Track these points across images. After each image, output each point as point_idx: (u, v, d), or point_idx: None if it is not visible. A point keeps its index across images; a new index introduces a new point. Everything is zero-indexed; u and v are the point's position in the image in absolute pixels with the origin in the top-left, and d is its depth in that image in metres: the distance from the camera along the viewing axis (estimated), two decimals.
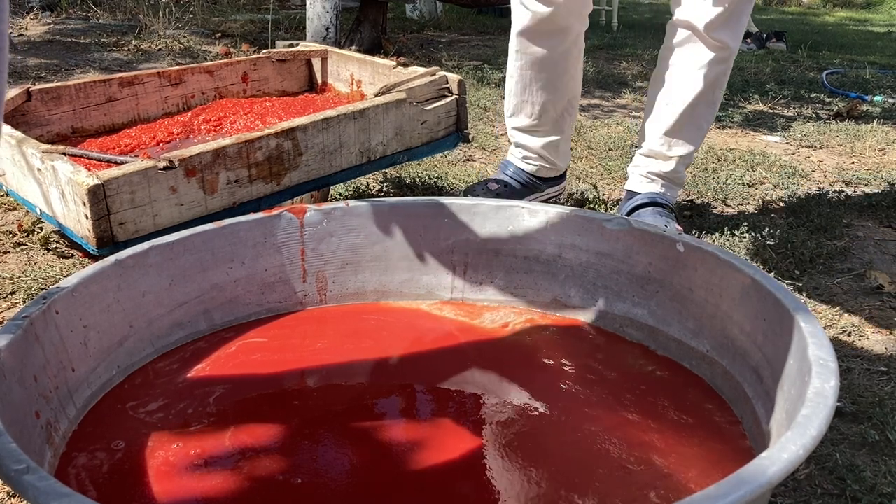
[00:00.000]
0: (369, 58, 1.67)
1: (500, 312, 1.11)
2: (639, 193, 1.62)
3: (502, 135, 2.52)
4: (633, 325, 1.04)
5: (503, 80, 3.34)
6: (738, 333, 0.90)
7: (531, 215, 1.10)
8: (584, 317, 1.08)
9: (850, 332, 1.32)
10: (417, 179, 1.98)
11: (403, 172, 2.01)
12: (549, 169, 1.74)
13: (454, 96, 1.48)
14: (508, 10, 6.09)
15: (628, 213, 1.58)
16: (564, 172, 1.80)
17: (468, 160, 2.24)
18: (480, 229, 1.12)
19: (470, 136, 1.91)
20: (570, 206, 1.85)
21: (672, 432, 0.85)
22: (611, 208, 1.84)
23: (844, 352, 1.25)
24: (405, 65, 1.66)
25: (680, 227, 1.52)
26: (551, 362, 0.98)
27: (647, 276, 1.03)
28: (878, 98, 3.15)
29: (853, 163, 2.36)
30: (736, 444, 0.83)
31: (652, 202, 1.59)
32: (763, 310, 0.85)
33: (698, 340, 0.96)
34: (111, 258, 0.93)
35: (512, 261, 1.12)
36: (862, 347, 1.27)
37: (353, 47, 3.65)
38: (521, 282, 1.12)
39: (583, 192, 1.92)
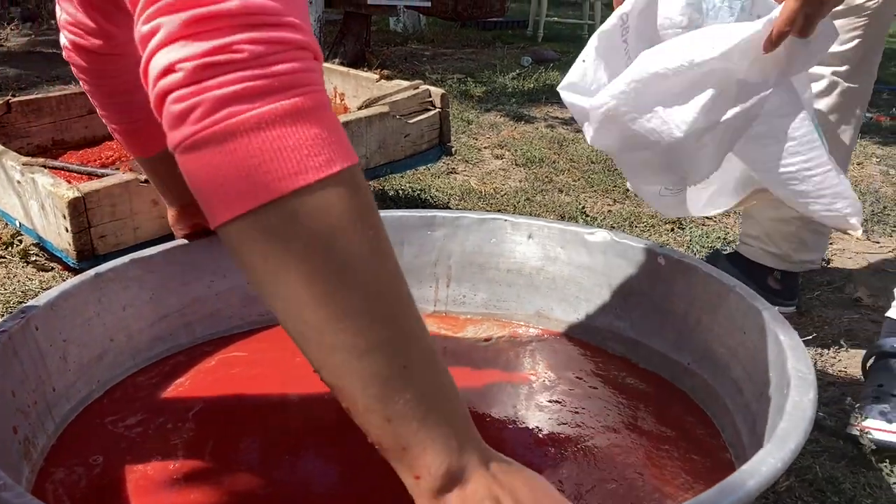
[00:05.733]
0: (352, 71, 1.67)
1: (483, 325, 1.11)
2: None
3: (485, 147, 2.54)
4: (615, 339, 1.04)
5: (486, 93, 3.37)
6: (718, 346, 0.91)
7: (514, 228, 1.10)
8: (567, 330, 1.08)
9: (828, 345, 1.33)
10: (401, 192, 1.98)
11: (387, 185, 2.02)
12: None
13: (437, 110, 1.49)
14: (492, 24, 6.08)
15: (871, 361, 1.16)
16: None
17: (451, 173, 2.24)
18: (464, 242, 1.12)
19: (453, 149, 1.92)
20: (554, 219, 1.86)
21: (654, 445, 0.85)
22: (592, 221, 1.85)
23: (823, 364, 1.27)
24: (389, 78, 1.67)
25: None
26: (534, 376, 0.98)
27: (629, 288, 1.03)
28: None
29: None
30: (717, 456, 0.84)
31: (886, 351, 1.13)
32: (743, 323, 0.85)
33: (679, 353, 0.97)
34: (91, 272, 0.93)
35: (495, 273, 1.12)
36: (840, 360, 1.28)
37: (337, 60, 3.65)
38: (505, 295, 1.12)
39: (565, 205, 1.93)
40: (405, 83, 1.52)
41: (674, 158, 0.96)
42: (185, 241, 1.02)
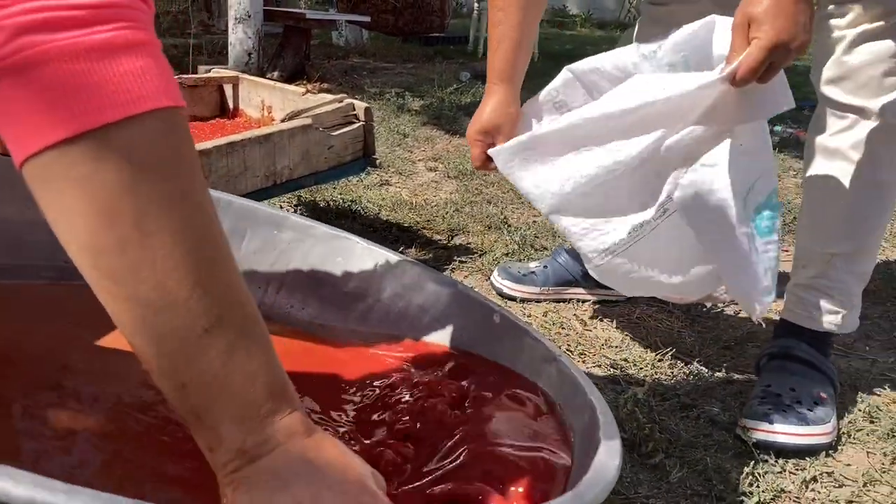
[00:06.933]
0: (279, 84, 1.71)
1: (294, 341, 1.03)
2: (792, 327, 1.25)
3: (419, 160, 2.59)
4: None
5: (423, 107, 3.42)
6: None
7: (365, 253, 1.06)
8: (389, 360, 1.03)
9: (731, 347, 1.40)
10: (332, 203, 2.02)
11: (318, 196, 2.05)
12: None
13: (361, 123, 1.53)
14: (434, 39, 6.12)
15: (763, 362, 1.26)
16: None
17: (384, 184, 2.29)
18: (309, 252, 1.07)
19: (377, 162, 1.95)
20: (480, 229, 1.91)
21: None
22: (514, 231, 1.90)
23: (725, 365, 1.34)
24: (329, 91, 1.71)
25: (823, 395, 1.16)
26: (352, 395, 0.92)
27: (459, 338, 1.00)
28: (777, 128, 3.33)
29: None
30: None
31: (785, 353, 1.22)
32: (560, 390, 0.86)
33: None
34: None
35: (330, 292, 1.07)
36: (741, 360, 1.36)
37: (276, 73, 3.67)
38: (332, 317, 1.06)
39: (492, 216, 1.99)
40: (330, 97, 1.56)
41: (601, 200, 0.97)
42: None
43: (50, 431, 0.74)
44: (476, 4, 5.80)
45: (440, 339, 1.01)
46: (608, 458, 0.67)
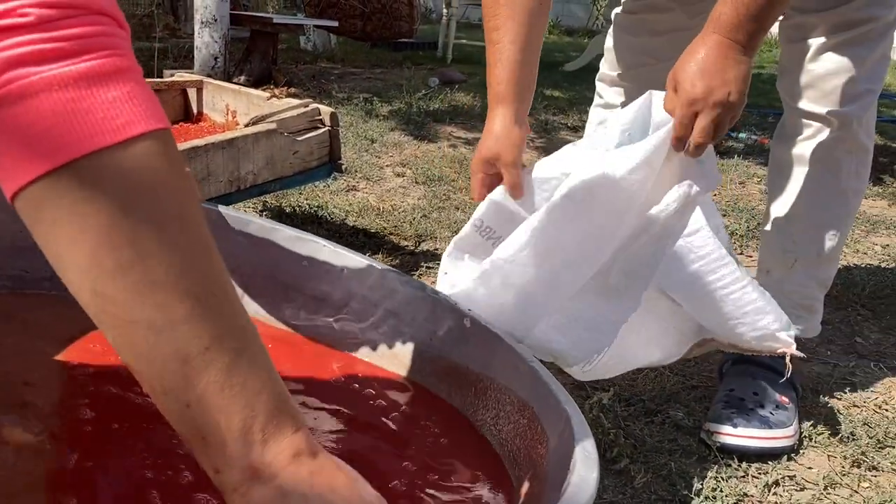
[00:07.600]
0: (244, 89, 1.69)
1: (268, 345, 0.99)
2: None
3: (387, 165, 2.58)
4: (411, 382, 1.00)
5: (392, 112, 3.42)
6: (501, 418, 0.89)
7: (330, 256, 1.04)
8: (365, 365, 1.02)
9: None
10: (298, 208, 2.00)
11: (284, 201, 2.03)
12: None
13: (326, 128, 1.52)
14: (402, 45, 6.10)
15: (726, 367, 1.28)
16: None
17: (351, 190, 2.28)
18: (274, 255, 1.05)
19: (344, 167, 1.94)
20: (449, 235, 1.91)
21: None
22: None
23: (689, 370, 1.35)
24: (296, 95, 1.69)
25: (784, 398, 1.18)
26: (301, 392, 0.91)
27: (428, 343, 0.98)
28: (742, 135, 3.37)
29: (714, 194, 2.52)
30: None
31: (747, 358, 1.21)
32: (534, 397, 0.84)
33: (472, 414, 0.93)
34: None
35: (296, 296, 1.04)
36: (705, 365, 1.37)
37: (243, 77, 3.64)
38: (298, 321, 1.04)
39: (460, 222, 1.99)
40: (295, 101, 1.54)
41: (586, 306, 0.95)
42: None
43: (14, 455, 0.72)
44: (445, 11, 5.81)
45: (410, 343, 0.99)
46: (587, 471, 0.66)
